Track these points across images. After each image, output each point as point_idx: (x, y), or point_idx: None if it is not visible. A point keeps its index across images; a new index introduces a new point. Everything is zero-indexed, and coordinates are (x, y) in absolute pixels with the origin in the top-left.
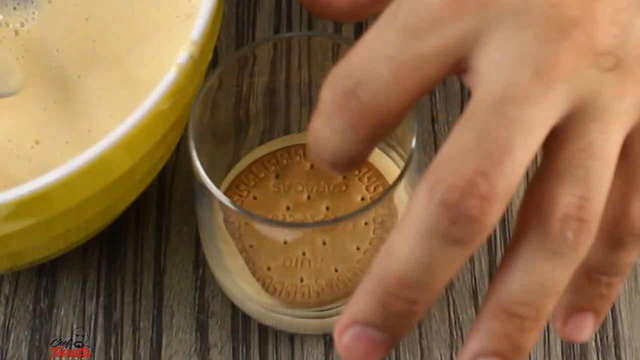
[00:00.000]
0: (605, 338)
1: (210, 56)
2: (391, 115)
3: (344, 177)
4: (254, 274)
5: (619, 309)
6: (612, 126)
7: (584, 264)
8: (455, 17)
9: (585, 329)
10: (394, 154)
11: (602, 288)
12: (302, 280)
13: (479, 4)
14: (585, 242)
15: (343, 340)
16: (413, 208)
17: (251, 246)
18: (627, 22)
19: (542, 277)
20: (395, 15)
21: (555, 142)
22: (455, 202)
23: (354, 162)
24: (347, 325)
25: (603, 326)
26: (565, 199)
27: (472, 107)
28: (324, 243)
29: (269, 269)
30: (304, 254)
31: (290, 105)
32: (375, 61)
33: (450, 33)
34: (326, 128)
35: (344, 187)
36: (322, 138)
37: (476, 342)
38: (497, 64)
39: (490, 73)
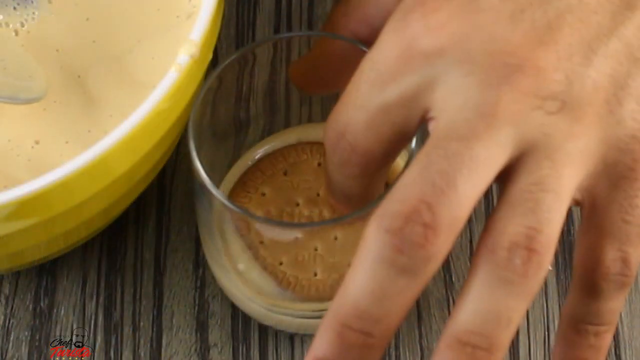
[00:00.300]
0: None
1: (210, 56)
2: (374, 156)
3: None
4: (265, 268)
5: None
6: (565, 166)
7: (569, 316)
8: (407, 70)
9: None
10: None
11: (591, 338)
12: (315, 274)
13: (424, 57)
14: (536, 272)
15: None
16: (364, 239)
17: (261, 242)
18: (571, 69)
19: (493, 305)
20: (363, 70)
21: (508, 178)
22: (399, 229)
23: (358, 197)
24: None
25: None
26: (514, 229)
27: (422, 148)
28: (336, 238)
29: (281, 263)
30: (316, 249)
31: (290, 105)
32: (353, 108)
33: (406, 84)
34: (329, 165)
35: None
36: (328, 174)
37: None
38: (445, 109)
39: (438, 117)
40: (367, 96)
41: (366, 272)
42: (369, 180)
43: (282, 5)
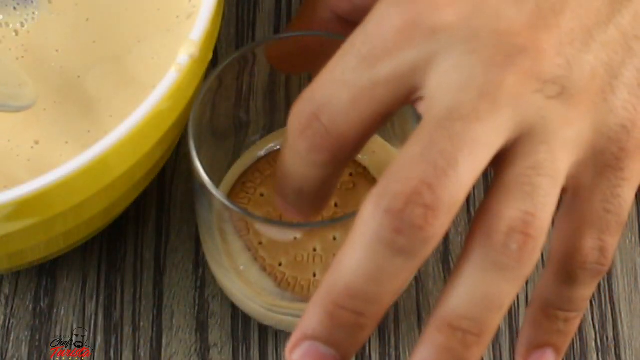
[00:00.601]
0: (605, 338)
1: (210, 56)
2: (350, 139)
3: (350, 175)
4: (264, 269)
5: (619, 309)
6: (560, 151)
7: (541, 300)
8: (406, 45)
9: None
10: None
11: (560, 324)
12: (314, 275)
13: (428, 32)
14: (531, 258)
15: (293, 357)
16: (361, 217)
17: (260, 243)
18: (572, 55)
19: (485, 290)
20: (354, 44)
21: (504, 161)
22: (399, 210)
23: (312, 196)
24: (297, 342)
25: (603, 326)
26: (510, 213)
27: (420, 126)
28: (335, 238)
29: (280, 264)
30: (314, 250)
31: (290, 104)
32: (336, 85)
33: (402, 60)
34: (292, 154)
35: (352, 185)
36: (287, 164)
37: (419, 355)
38: (445, 88)
39: (438, 95)
40: (356, 72)
41: (362, 252)
42: (332, 172)
43: (282, 5)
